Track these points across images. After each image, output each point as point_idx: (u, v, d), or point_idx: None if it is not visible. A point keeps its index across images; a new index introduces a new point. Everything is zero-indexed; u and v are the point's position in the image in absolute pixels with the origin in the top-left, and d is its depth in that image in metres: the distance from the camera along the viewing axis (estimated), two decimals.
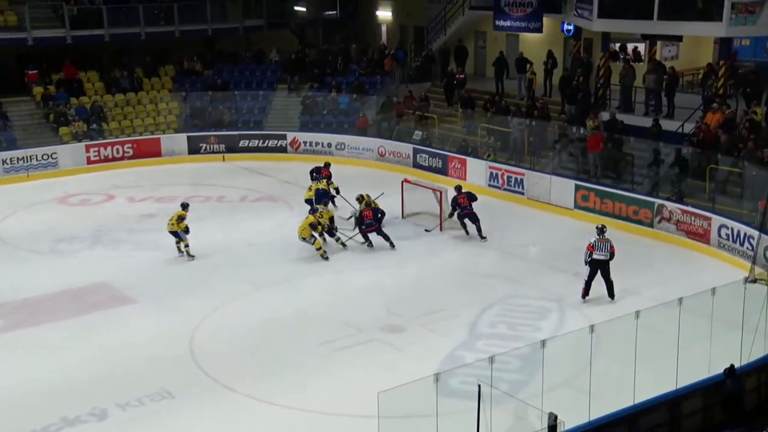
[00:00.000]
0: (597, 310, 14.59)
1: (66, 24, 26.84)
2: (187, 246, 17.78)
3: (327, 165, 21.57)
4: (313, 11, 32.89)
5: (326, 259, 17.47)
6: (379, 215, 18.37)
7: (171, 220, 17.74)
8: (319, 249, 17.53)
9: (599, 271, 15.05)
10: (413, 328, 14.33)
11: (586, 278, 15.16)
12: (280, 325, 14.55)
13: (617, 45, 25.39)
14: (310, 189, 20.31)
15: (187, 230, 17.66)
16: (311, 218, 17.57)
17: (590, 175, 20.90)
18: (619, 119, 21.49)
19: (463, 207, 18.59)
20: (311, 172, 21.44)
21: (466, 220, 18.68)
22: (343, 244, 18.21)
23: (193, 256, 17.75)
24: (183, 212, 17.80)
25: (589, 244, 15.08)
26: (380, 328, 14.30)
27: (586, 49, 25.08)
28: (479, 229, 18.52)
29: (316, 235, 17.47)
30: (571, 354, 11.45)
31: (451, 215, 18.89)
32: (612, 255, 15.12)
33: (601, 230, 15.29)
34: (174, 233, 17.67)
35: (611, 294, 15.18)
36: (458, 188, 19.03)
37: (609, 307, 14.71)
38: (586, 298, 15.20)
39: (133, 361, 13.31)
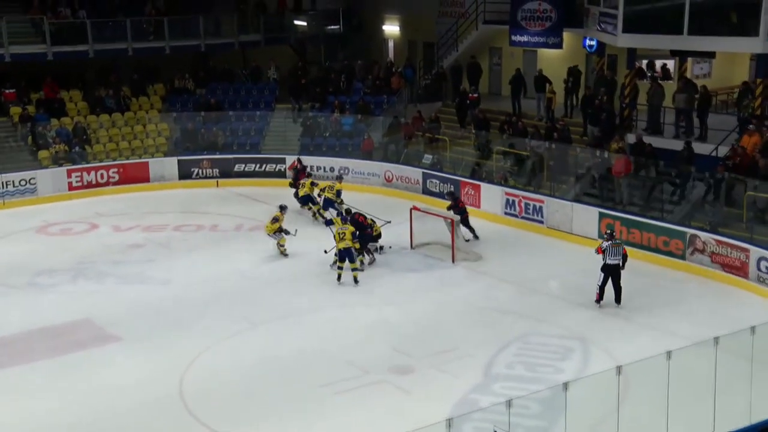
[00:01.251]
0: (624, 349, 14.56)
1: (47, 39, 27.18)
2: (282, 246, 19.87)
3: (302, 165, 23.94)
4: (315, 26, 33.28)
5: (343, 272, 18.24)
6: (363, 225, 18.99)
7: (267, 222, 19.87)
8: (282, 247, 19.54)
9: (611, 276, 16.35)
10: (423, 369, 14.32)
11: (600, 283, 16.48)
12: (279, 366, 14.55)
13: (644, 62, 25.60)
14: (303, 186, 22.11)
15: (281, 230, 19.75)
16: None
17: (615, 203, 20.95)
18: (646, 142, 21.59)
19: (464, 210, 20.33)
20: (295, 169, 23.98)
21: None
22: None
23: (286, 255, 19.85)
24: (278, 213, 19.95)
25: (600, 248, 16.47)
26: (387, 369, 14.31)
27: (610, 66, 25.26)
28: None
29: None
30: (597, 398, 11.42)
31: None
32: (625, 258, 16.48)
33: (610, 235, 16.61)
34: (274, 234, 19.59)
35: (618, 299, 16.59)
36: (452, 194, 21.05)
37: (638, 346, 14.67)
38: (601, 303, 16.54)
39: (117, 406, 13.30)
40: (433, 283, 18.45)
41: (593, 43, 25.12)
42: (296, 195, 23.35)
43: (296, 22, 32.94)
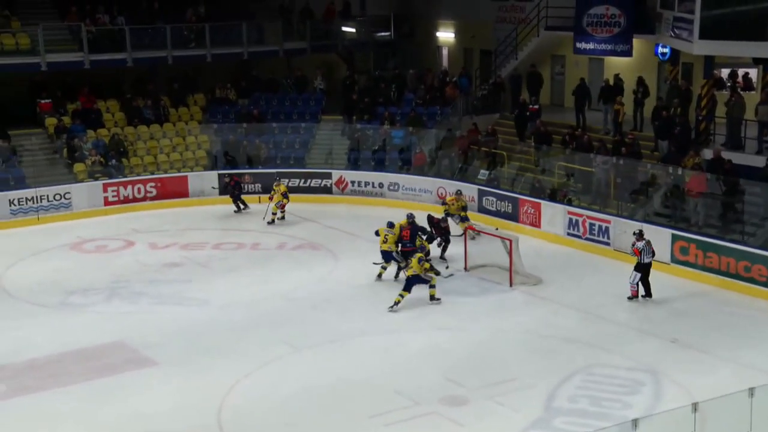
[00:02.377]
0: (701, 384, 14.28)
1: (84, 47, 27.86)
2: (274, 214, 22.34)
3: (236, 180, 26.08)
4: (364, 32, 33.53)
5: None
6: (419, 233, 19.25)
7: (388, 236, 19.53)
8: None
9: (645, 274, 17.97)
10: (478, 401, 14.20)
11: (637, 281, 18.11)
12: (322, 394, 14.56)
13: (724, 71, 25.21)
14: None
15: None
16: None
17: (690, 224, 20.65)
18: (725, 158, 21.26)
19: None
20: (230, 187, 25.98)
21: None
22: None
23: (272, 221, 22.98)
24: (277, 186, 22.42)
25: (636, 248, 17.99)
26: (439, 400, 14.21)
27: (685, 76, 24.97)
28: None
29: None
30: None
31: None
32: (654, 254, 18.19)
33: (641, 234, 18.20)
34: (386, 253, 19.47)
35: (650, 293, 18.17)
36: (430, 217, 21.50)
37: (716, 381, 14.38)
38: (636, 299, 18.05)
39: None
40: (488, 308, 18.33)
41: (666, 50, 24.89)
42: (237, 208, 25.70)
43: (344, 29, 33.21)
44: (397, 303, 18.05)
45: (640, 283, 18.18)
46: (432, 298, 18.30)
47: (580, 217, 22.01)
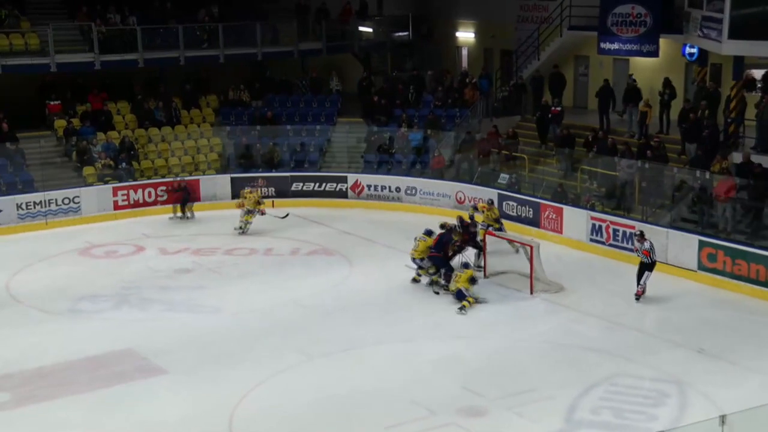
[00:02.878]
0: (729, 395, 14.20)
1: (94, 47, 28.05)
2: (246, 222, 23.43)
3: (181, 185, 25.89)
4: (381, 32, 33.66)
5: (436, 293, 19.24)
6: (445, 240, 19.47)
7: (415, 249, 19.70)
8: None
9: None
10: (497, 412, 14.18)
11: (644, 280, 18.72)
12: (337, 404, 14.58)
13: (756, 72, 25.05)
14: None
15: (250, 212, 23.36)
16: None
17: (718, 230, 20.55)
18: (755, 161, 21.15)
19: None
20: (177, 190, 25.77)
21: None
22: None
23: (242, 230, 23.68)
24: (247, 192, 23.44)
25: (646, 250, 18.61)
26: (457, 411, 14.20)
27: (714, 77, 24.87)
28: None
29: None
30: None
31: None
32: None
33: (642, 236, 18.94)
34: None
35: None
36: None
37: (745, 393, 14.32)
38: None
39: None
40: (508, 316, 18.32)
41: (694, 50, 24.81)
42: (182, 214, 25.67)
43: (361, 29, 33.32)
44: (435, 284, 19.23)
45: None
46: (461, 309, 18.33)
47: (604, 222, 21.96)
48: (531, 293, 19.28)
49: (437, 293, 19.27)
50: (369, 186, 27.12)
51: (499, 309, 18.67)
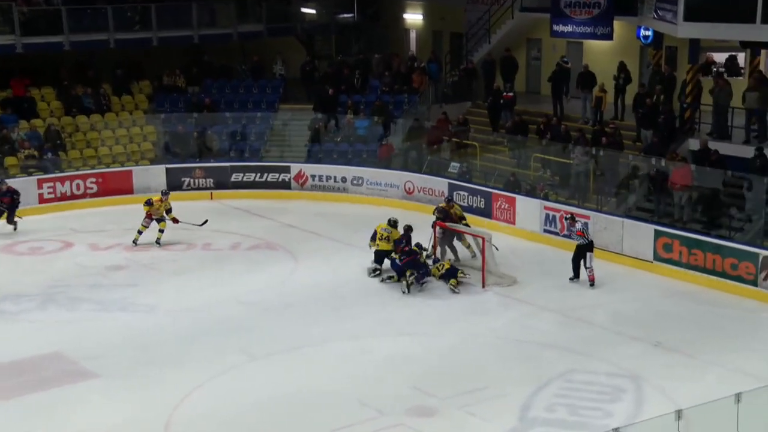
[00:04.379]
0: (685, 390, 14.48)
1: (16, 29, 27.50)
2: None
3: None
4: (325, 14, 33.53)
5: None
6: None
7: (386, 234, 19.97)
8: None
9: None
10: (448, 411, 14.28)
11: (589, 263, 19.20)
12: (281, 406, 14.55)
13: (717, 56, 25.44)
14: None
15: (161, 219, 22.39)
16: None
17: (674, 219, 20.89)
18: (711, 148, 21.53)
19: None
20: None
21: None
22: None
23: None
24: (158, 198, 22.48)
25: (580, 231, 19.32)
26: (406, 411, 14.26)
27: (669, 61, 25.24)
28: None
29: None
30: None
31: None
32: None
33: (573, 218, 19.89)
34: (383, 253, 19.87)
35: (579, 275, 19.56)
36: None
37: (701, 387, 14.59)
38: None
39: None
40: (459, 311, 18.43)
41: (649, 33, 25.14)
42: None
43: (304, 10, 33.18)
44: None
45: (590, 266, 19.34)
46: (455, 287, 19.15)
47: (558, 212, 22.18)
48: (483, 287, 19.42)
49: (405, 293, 19.15)
50: (313, 176, 27.05)
51: (451, 303, 18.79)
